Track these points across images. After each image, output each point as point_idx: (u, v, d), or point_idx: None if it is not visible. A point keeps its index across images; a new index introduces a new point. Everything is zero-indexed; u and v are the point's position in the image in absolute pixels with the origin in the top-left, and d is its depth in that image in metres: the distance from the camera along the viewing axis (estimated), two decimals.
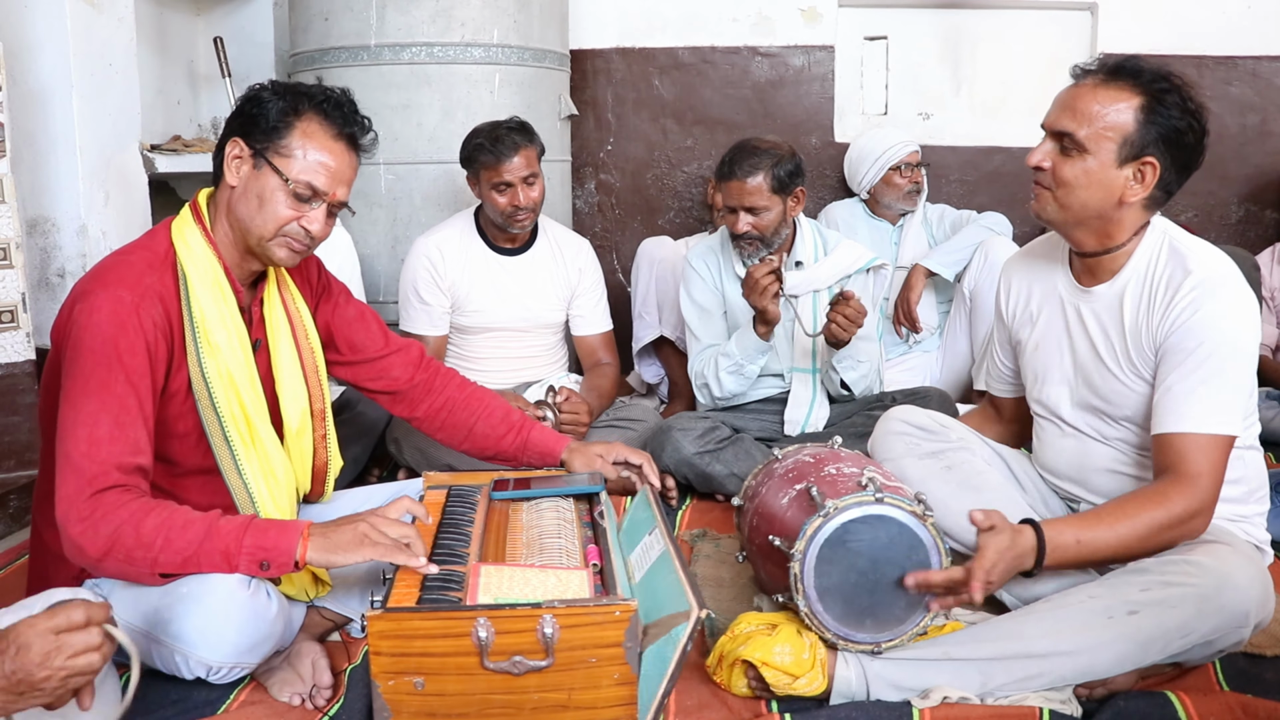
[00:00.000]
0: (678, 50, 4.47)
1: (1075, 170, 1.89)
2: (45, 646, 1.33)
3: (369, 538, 1.69)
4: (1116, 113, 1.86)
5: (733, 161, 2.92)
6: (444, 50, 3.59)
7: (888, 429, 2.24)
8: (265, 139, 1.86)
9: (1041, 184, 1.94)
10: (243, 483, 1.90)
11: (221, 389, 1.87)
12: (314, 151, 1.86)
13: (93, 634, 1.36)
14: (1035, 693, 1.76)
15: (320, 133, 1.87)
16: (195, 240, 1.89)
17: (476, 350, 3.28)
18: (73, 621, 1.35)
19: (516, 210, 3.08)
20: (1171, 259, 1.92)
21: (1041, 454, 2.20)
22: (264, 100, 1.87)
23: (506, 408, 2.30)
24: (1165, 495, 1.82)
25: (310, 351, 2.08)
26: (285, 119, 1.86)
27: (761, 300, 2.80)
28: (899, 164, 3.83)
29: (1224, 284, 1.87)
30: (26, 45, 3.05)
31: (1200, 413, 1.83)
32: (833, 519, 1.77)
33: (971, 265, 3.64)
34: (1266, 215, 4.32)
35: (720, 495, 2.92)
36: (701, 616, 1.52)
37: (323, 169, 1.87)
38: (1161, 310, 1.90)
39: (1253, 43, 4.22)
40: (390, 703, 1.53)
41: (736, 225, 2.95)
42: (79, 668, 1.34)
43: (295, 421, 2.02)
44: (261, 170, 1.86)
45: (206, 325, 1.86)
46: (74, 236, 3.19)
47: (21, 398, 2.87)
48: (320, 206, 1.88)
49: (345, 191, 1.92)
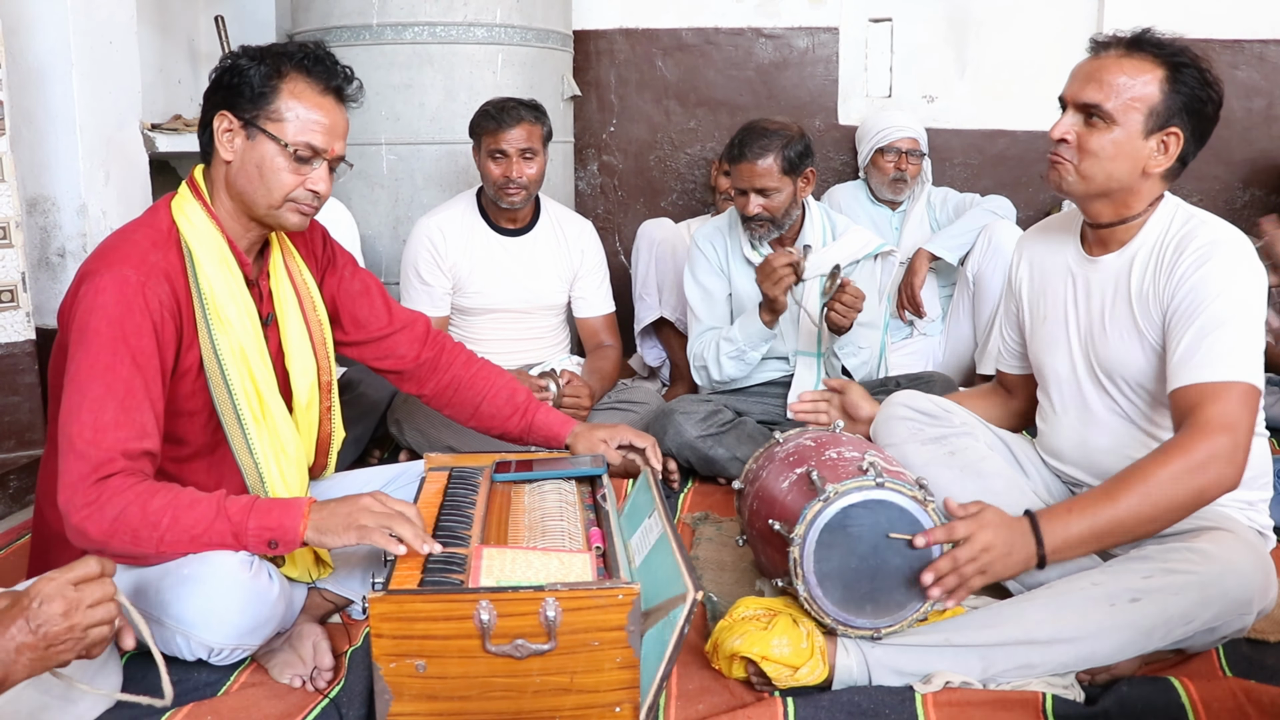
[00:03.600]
0: (681, 31, 4.45)
1: (1103, 141, 1.89)
2: (69, 597, 1.38)
3: (358, 521, 1.68)
4: (1143, 84, 1.87)
5: (742, 143, 2.90)
6: (446, 30, 3.57)
7: (891, 414, 2.23)
8: (253, 107, 1.83)
9: (1062, 156, 1.93)
10: (253, 461, 1.89)
11: (234, 365, 1.86)
12: (305, 110, 1.84)
13: (107, 584, 1.43)
14: (1037, 678, 1.76)
15: (308, 90, 1.85)
16: (197, 216, 1.87)
17: (478, 331, 3.27)
18: (90, 571, 1.42)
19: (509, 182, 3.06)
20: (1182, 228, 1.93)
21: (1045, 436, 2.19)
22: (244, 69, 1.84)
23: (513, 387, 2.28)
24: (1161, 455, 1.76)
25: (318, 323, 2.06)
26: (269, 83, 1.83)
27: (775, 289, 2.79)
28: (885, 147, 3.80)
29: (1230, 245, 1.87)
30: (26, 22, 3.03)
31: (1205, 363, 1.80)
32: (833, 504, 1.76)
33: (975, 249, 3.62)
34: (1271, 199, 4.30)
35: (722, 478, 2.91)
36: (698, 598, 1.51)
37: (318, 126, 1.84)
38: (1168, 272, 1.90)
39: (1260, 25, 4.20)
40: (391, 685, 1.53)
41: (747, 207, 2.93)
42: (99, 617, 1.41)
43: (304, 396, 2.01)
44: (256, 139, 1.84)
45: (216, 301, 1.84)
46: (74, 216, 3.18)
47: (22, 377, 2.86)
48: (321, 165, 1.87)
49: (342, 145, 1.90)
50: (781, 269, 2.76)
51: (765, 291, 2.82)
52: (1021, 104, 4.39)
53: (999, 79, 4.46)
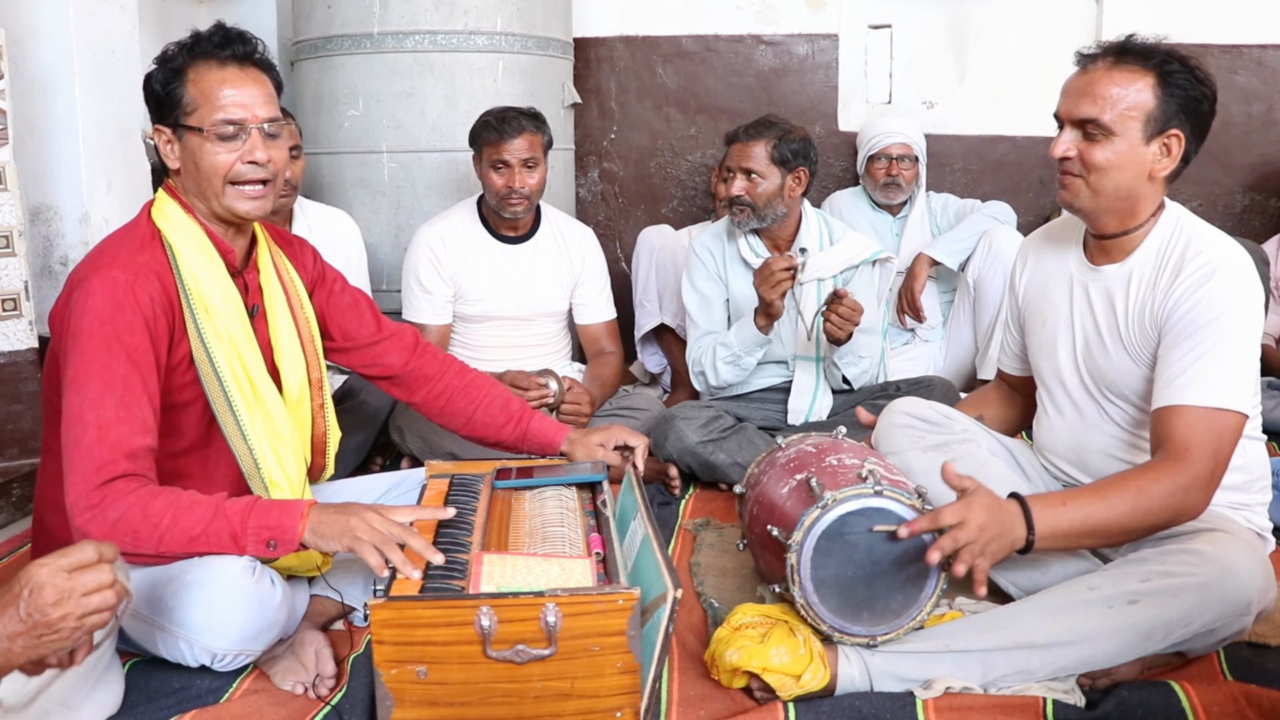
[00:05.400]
0: (681, 38, 4.46)
1: (1106, 154, 1.89)
2: (60, 585, 1.32)
3: (354, 533, 1.67)
4: (1136, 92, 1.87)
5: (743, 127, 2.96)
6: (447, 38, 3.58)
7: (891, 422, 2.23)
8: (171, 111, 1.85)
9: (1071, 172, 1.93)
10: (248, 448, 1.90)
11: (221, 351, 1.87)
12: (210, 89, 1.84)
13: (104, 571, 1.35)
14: (1038, 683, 1.76)
15: (207, 70, 1.85)
16: (174, 213, 1.89)
17: (479, 339, 3.28)
18: (85, 558, 1.34)
19: (511, 192, 3.07)
20: (1182, 242, 1.93)
21: (1041, 434, 2.20)
22: (151, 79, 1.86)
23: (506, 397, 2.29)
24: (1154, 470, 1.79)
25: (306, 320, 2.07)
26: (174, 81, 1.84)
27: (772, 293, 2.79)
28: (877, 154, 3.83)
29: (1230, 265, 1.87)
30: (29, 32, 3.05)
31: (1196, 386, 1.81)
32: (831, 510, 1.76)
33: (975, 254, 3.63)
34: (1271, 204, 4.30)
35: (723, 484, 2.92)
36: (677, 596, 1.51)
37: (226, 99, 1.84)
38: (1165, 288, 1.90)
39: (1258, 31, 4.20)
40: (393, 691, 1.54)
41: (731, 187, 2.96)
42: (94, 606, 1.33)
43: (295, 390, 2.02)
44: (185, 139, 1.86)
45: (200, 290, 1.86)
46: (76, 224, 3.19)
47: (24, 385, 2.87)
48: (252, 134, 1.86)
49: (268, 108, 1.88)
50: (779, 272, 2.77)
51: (762, 295, 2.82)
52: (1021, 110, 4.40)
53: (998, 85, 4.47)
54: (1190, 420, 1.80)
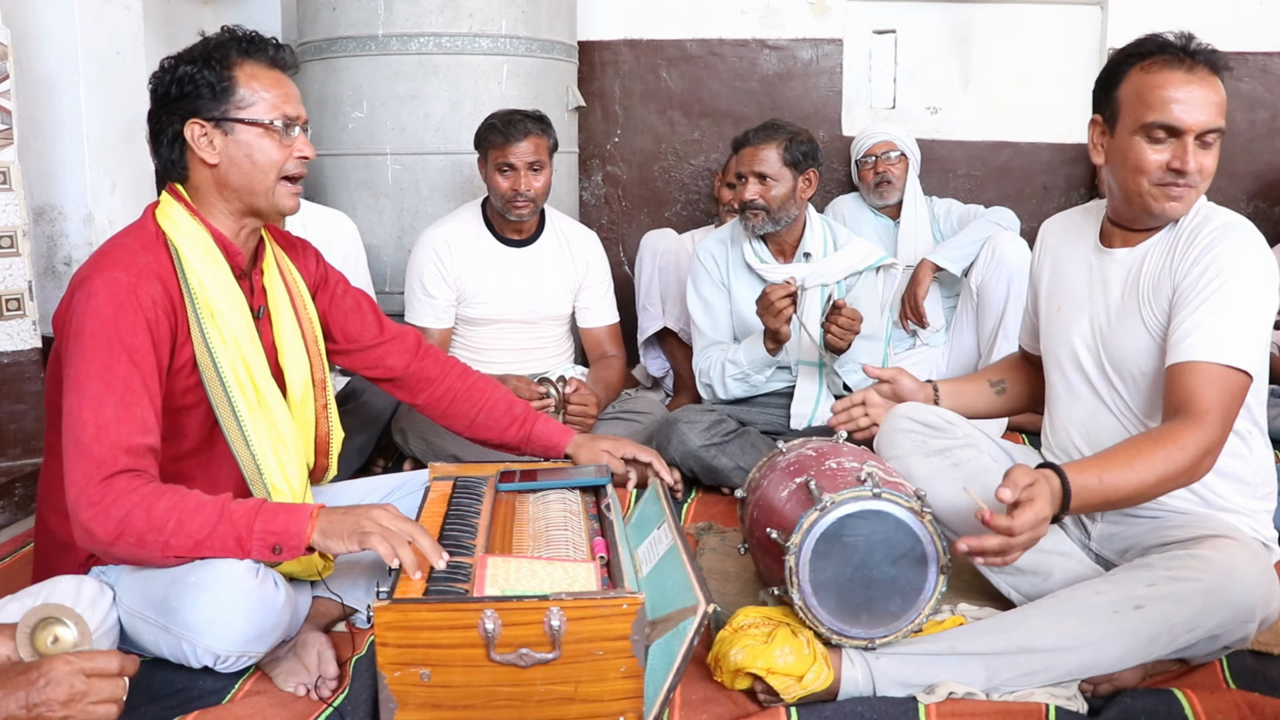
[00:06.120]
0: (685, 42, 4.47)
1: (1215, 158, 1.92)
2: (75, 686, 1.32)
3: (363, 527, 1.68)
4: (1221, 95, 1.91)
5: (751, 131, 2.98)
6: (452, 41, 3.58)
7: (894, 426, 2.23)
8: (219, 104, 1.86)
9: (1191, 185, 1.91)
10: (250, 453, 1.90)
11: (225, 354, 1.87)
12: (266, 87, 1.89)
13: (119, 687, 1.36)
14: (1040, 688, 1.76)
15: (259, 69, 1.90)
16: (180, 216, 1.89)
17: (483, 342, 3.28)
18: (107, 669, 1.35)
19: (516, 195, 3.07)
20: (1196, 218, 1.95)
21: (1053, 419, 2.19)
22: (191, 74, 1.87)
23: (510, 399, 2.30)
24: (1177, 434, 1.79)
25: (309, 321, 2.08)
26: (225, 76, 1.86)
27: (775, 322, 2.80)
28: (862, 159, 3.91)
29: (1242, 230, 1.90)
30: (34, 33, 3.05)
31: (1208, 342, 1.82)
32: (829, 513, 1.76)
33: (978, 260, 3.63)
34: (1275, 212, 4.30)
35: (726, 488, 2.92)
36: (709, 611, 1.51)
37: (284, 96, 1.90)
38: (1181, 254, 1.92)
39: (1263, 38, 4.20)
40: (396, 694, 1.54)
41: (744, 192, 2.96)
42: (98, 716, 1.34)
43: (299, 390, 2.02)
44: (234, 132, 1.87)
45: (206, 294, 1.86)
46: (80, 224, 3.20)
47: (28, 385, 2.87)
48: (298, 131, 1.92)
49: (304, 110, 1.96)
50: (780, 301, 2.77)
51: (766, 324, 2.83)
52: (1025, 116, 4.40)
53: (1002, 90, 4.47)
54: (1207, 380, 1.80)
